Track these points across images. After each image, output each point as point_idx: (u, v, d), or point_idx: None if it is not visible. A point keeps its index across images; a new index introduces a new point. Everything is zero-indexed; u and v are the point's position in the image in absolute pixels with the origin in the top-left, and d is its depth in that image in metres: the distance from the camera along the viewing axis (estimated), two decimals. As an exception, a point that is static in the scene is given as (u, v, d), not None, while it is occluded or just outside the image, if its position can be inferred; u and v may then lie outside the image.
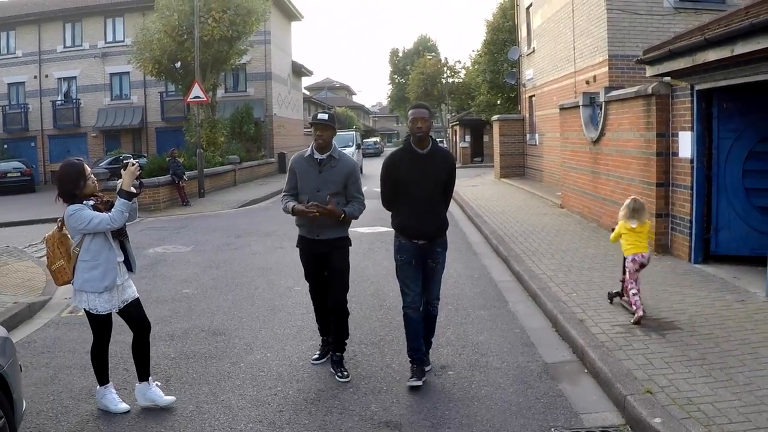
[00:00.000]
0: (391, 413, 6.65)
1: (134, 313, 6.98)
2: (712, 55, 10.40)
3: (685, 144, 12.29)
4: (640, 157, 13.91)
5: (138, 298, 7.04)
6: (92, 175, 6.77)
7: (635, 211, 9.41)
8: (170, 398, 6.92)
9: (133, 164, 6.79)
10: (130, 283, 7.03)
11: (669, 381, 6.69)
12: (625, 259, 9.46)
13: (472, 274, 12.84)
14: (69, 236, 6.90)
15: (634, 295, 8.89)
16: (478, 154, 58.99)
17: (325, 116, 7.73)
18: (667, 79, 12.89)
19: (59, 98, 51.15)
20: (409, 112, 7.49)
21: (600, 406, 6.75)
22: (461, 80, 72.16)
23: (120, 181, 6.75)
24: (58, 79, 50.93)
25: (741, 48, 9.53)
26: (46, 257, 7.23)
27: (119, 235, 6.91)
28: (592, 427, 6.27)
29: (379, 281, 11.95)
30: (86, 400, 7.08)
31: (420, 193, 7.38)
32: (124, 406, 6.75)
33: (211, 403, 6.97)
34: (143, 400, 6.89)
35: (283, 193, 7.98)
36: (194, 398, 7.12)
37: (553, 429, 6.21)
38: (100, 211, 6.63)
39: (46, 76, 50.60)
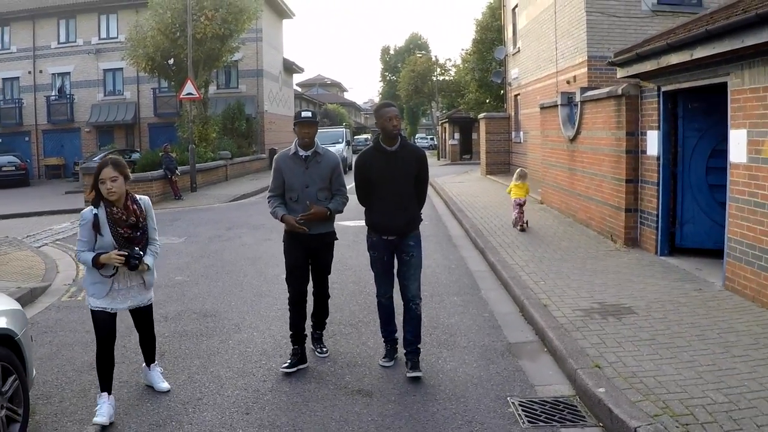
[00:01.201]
0: (364, 383, 7.35)
1: (138, 321, 7.16)
2: (674, 59, 11.08)
3: (653, 142, 12.95)
4: (612, 155, 14.57)
5: (148, 306, 7.07)
6: (111, 180, 6.41)
7: (520, 177, 17.09)
8: (166, 386, 7.21)
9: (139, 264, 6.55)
10: (142, 291, 6.91)
11: (617, 357, 7.37)
12: (513, 200, 16.82)
13: (450, 265, 13.52)
14: None
15: (515, 216, 16.83)
16: (467, 151, 59.47)
17: (309, 114, 7.89)
18: (637, 80, 13.56)
19: (53, 93, 51.53)
20: (381, 111, 7.60)
21: (554, 380, 7.43)
22: (451, 78, 72.30)
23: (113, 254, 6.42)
24: (53, 74, 51.33)
25: (699, 53, 10.20)
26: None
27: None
28: (546, 397, 6.94)
29: (360, 270, 12.57)
30: (88, 372, 7.75)
31: (390, 189, 7.57)
32: (103, 420, 6.33)
33: (202, 374, 7.68)
34: (144, 380, 7.42)
35: (269, 194, 8.12)
36: (186, 370, 7.84)
37: (509, 398, 6.90)
38: (116, 221, 6.50)
39: (41, 71, 50.97)
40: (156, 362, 7.43)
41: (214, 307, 10.70)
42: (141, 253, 6.53)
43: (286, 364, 7.80)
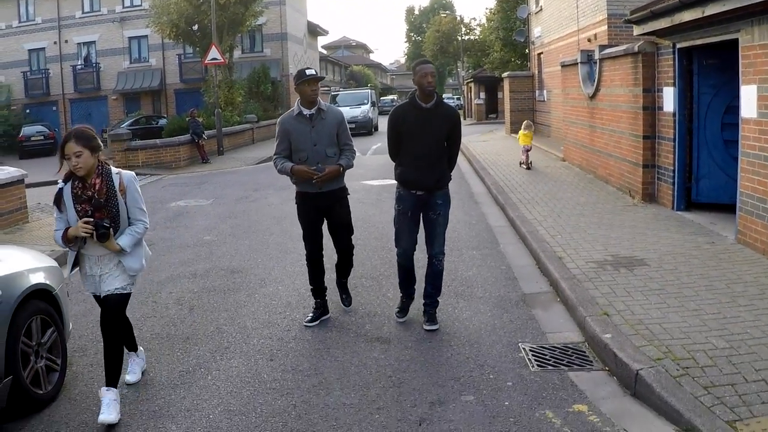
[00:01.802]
0: (383, 331, 7.74)
1: (104, 311, 6.15)
2: (687, 16, 11.24)
3: (669, 99, 13.11)
4: (630, 111, 14.76)
5: (117, 297, 6.12)
6: (75, 156, 5.81)
7: (527, 127, 21.29)
8: (130, 378, 6.59)
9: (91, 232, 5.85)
10: (116, 276, 6.12)
11: (626, 306, 7.67)
12: (522, 147, 20.92)
13: (470, 220, 13.88)
14: None
15: (522, 158, 21.09)
16: (492, 110, 59.28)
17: (312, 71, 7.87)
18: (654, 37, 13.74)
19: (79, 63, 52.16)
20: (418, 68, 7.61)
21: (565, 327, 7.76)
22: (477, 38, 71.97)
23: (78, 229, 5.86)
24: (78, 44, 51.92)
25: (710, 9, 10.36)
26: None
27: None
28: (555, 343, 7.28)
29: (384, 227, 12.89)
30: (121, 325, 8.16)
31: (420, 145, 7.60)
32: (104, 417, 5.74)
33: (229, 325, 8.10)
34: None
35: (274, 156, 8.08)
36: (214, 322, 8.26)
37: (520, 344, 7.25)
38: (75, 196, 5.95)
39: (66, 41, 51.57)
40: (137, 352, 6.79)
41: (241, 264, 11.09)
42: (108, 224, 5.85)
43: (309, 318, 8.12)
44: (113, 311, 6.10)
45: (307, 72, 7.78)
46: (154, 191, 20.94)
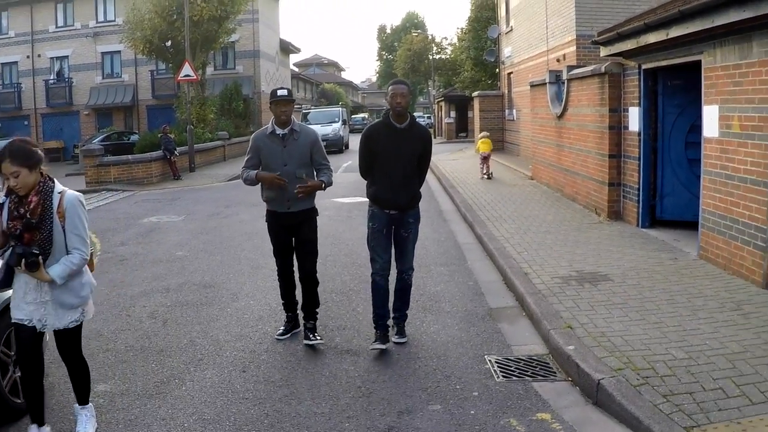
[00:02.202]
0: (352, 344, 7.94)
1: (59, 346, 5.77)
2: (652, 38, 11.57)
3: (634, 118, 13.44)
4: (596, 131, 15.08)
5: (69, 331, 5.65)
6: (12, 176, 5.24)
7: (485, 137, 23.90)
8: None
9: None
10: (57, 310, 5.54)
11: (589, 319, 7.92)
12: (480, 154, 23.37)
13: (439, 237, 14.13)
14: None
15: (481, 169, 23.20)
16: (462, 129, 59.67)
17: (285, 92, 7.88)
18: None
19: (52, 77, 51.91)
20: (390, 88, 7.66)
21: (530, 340, 7.98)
22: (448, 57, 72.50)
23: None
24: (51, 58, 51.71)
25: (674, 32, 10.68)
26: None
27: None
28: (521, 356, 7.49)
29: (353, 244, 13.08)
30: (95, 339, 8.27)
31: (395, 165, 7.63)
32: None
33: (202, 338, 8.25)
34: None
35: (242, 168, 8.12)
36: (187, 335, 8.40)
37: (486, 356, 7.46)
38: (13, 216, 5.35)
39: (39, 55, 51.34)
40: (88, 404, 5.92)
41: (213, 279, 11.24)
42: (38, 251, 5.24)
43: (280, 332, 8.27)
44: (72, 344, 5.75)
45: (279, 93, 7.84)
46: (126, 207, 21.09)
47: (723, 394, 5.80)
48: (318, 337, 7.97)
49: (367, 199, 8.07)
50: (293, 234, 8.14)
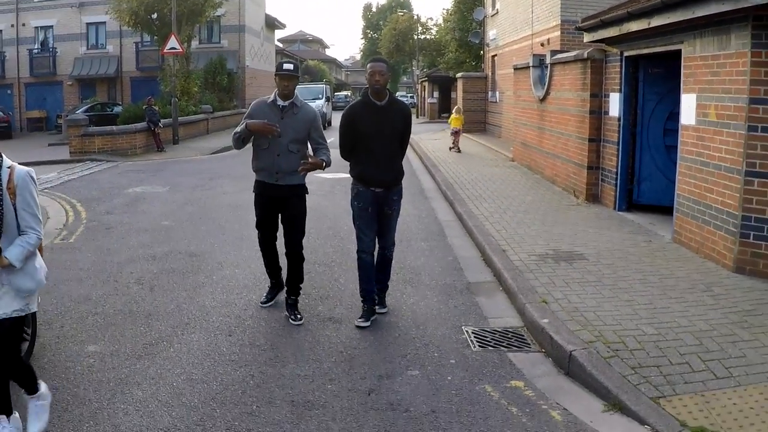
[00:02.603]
0: (334, 312, 8.22)
1: None
2: (634, 26, 11.83)
3: (615, 104, 13.73)
4: (577, 115, 15.36)
5: (7, 321, 4.96)
6: None
7: (457, 112, 27.61)
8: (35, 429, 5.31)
9: None
10: (7, 297, 4.98)
11: (563, 295, 8.23)
12: (451, 129, 26.71)
13: (420, 214, 14.41)
14: None
15: (453, 140, 26.31)
16: (446, 110, 59.79)
17: (291, 66, 7.81)
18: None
19: (36, 47, 51.72)
20: (368, 66, 7.66)
21: (506, 314, 8.30)
22: (433, 37, 72.48)
23: None
24: (35, 27, 51.49)
25: (656, 21, 10.94)
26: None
27: None
28: (497, 327, 7.79)
29: (336, 218, 13.40)
30: (84, 303, 8.53)
31: (378, 143, 7.66)
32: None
33: (189, 304, 8.50)
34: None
35: (234, 133, 8.01)
36: (174, 300, 8.65)
37: (463, 327, 7.75)
38: None
39: (23, 24, 51.11)
40: (37, 394, 5.38)
41: (199, 248, 11.47)
42: None
43: (264, 299, 8.47)
44: (7, 337, 5.02)
45: (285, 66, 7.79)
46: (110, 177, 21.25)
47: (689, 368, 6.11)
48: (299, 317, 7.93)
49: (350, 176, 8.07)
50: (280, 209, 8.10)
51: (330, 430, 5.40)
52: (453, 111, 28.02)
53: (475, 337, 7.47)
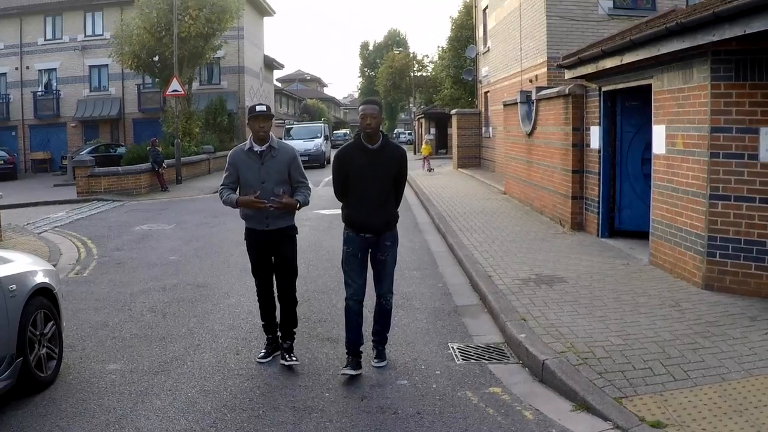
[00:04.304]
0: (332, 333, 8.98)
1: None
2: (608, 63, 12.66)
3: (595, 137, 14.53)
4: (561, 148, 16.17)
5: None
6: None
7: (426, 143, 42.78)
8: None
9: None
10: None
11: (541, 313, 8.99)
12: (423, 156, 38.68)
13: (413, 246, 15.16)
14: None
15: (425, 165, 36.62)
16: (442, 146, 60.56)
17: (263, 107, 7.71)
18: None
19: (40, 89, 52.65)
20: (359, 108, 7.50)
21: (489, 332, 9.04)
22: (429, 74, 73.37)
23: None
24: (39, 70, 52.45)
25: (627, 58, 11.76)
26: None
27: None
28: (480, 344, 8.54)
29: (333, 250, 13.88)
30: (102, 329, 9.32)
31: (369, 187, 7.46)
32: None
33: (199, 328, 9.28)
34: None
35: (221, 186, 8.00)
36: (185, 325, 9.44)
37: (449, 344, 8.52)
38: None
39: (27, 67, 52.07)
40: None
41: (206, 280, 12.26)
42: None
43: (261, 354, 8.17)
44: None
45: (257, 108, 7.72)
46: (117, 216, 22.12)
47: (651, 372, 6.86)
48: (294, 358, 7.85)
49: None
50: (272, 252, 7.99)
51: (326, 430, 6.15)
52: (424, 142, 42.43)
53: (459, 352, 8.22)
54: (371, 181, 7.46)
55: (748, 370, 6.89)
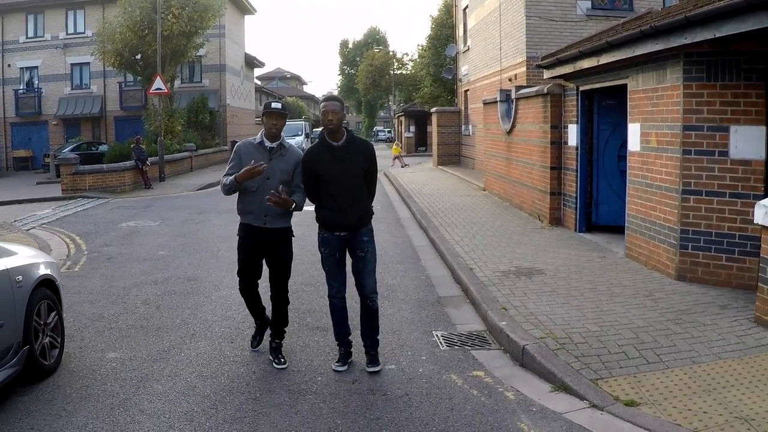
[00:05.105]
0: (321, 322, 9.33)
1: None
2: (585, 64, 13.10)
3: (573, 134, 14.99)
4: (540, 146, 16.62)
5: None
6: None
7: (396, 144, 47.39)
8: None
9: None
10: None
11: (521, 303, 9.44)
12: (393, 155, 42.77)
13: (396, 241, 15.62)
14: None
15: (398, 164, 40.61)
16: (422, 143, 61.06)
17: (279, 105, 7.65)
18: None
19: (21, 87, 52.74)
20: (321, 105, 7.49)
21: (471, 321, 9.48)
22: (409, 72, 73.59)
23: None
24: (21, 68, 52.53)
25: (604, 59, 12.22)
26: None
27: None
28: (462, 332, 8.96)
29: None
30: (98, 320, 9.65)
31: (340, 184, 7.39)
32: None
33: (193, 319, 9.65)
34: None
35: (224, 176, 7.77)
36: (180, 316, 9.78)
37: (433, 331, 8.94)
38: None
39: (9, 65, 52.16)
40: None
41: (196, 273, 12.60)
42: None
43: (253, 343, 8.43)
44: None
45: (273, 105, 7.65)
46: (103, 212, 22.41)
47: (625, 356, 7.33)
48: (283, 360, 7.84)
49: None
50: (265, 253, 7.94)
51: (321, 410, 6.54)
52: (394, 144, 48.38)
53: (443, 339, 8.65)
54: (342, 179, 7.41)
55: (717, 354, 7.36)
